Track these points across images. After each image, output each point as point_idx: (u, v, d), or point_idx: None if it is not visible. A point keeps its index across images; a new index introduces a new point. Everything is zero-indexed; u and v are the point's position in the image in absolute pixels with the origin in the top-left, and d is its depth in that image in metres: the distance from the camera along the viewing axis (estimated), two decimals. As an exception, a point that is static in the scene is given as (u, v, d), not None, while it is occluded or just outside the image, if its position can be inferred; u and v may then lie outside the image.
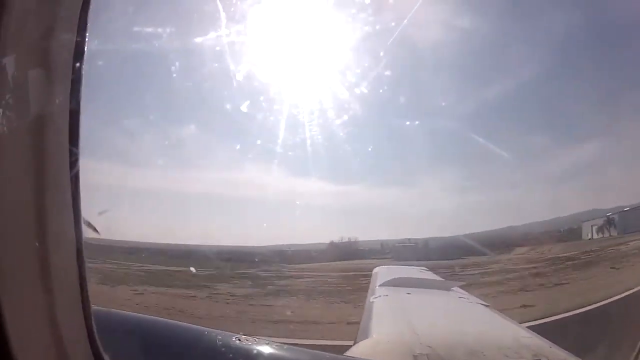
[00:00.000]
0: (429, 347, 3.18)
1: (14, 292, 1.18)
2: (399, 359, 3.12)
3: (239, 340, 2.08)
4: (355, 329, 4.31)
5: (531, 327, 5.73)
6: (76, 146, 1.27)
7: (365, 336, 3.72)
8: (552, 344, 3.51)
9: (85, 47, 1.30)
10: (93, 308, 1.35)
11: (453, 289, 6.40)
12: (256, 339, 2.15)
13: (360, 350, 3.38)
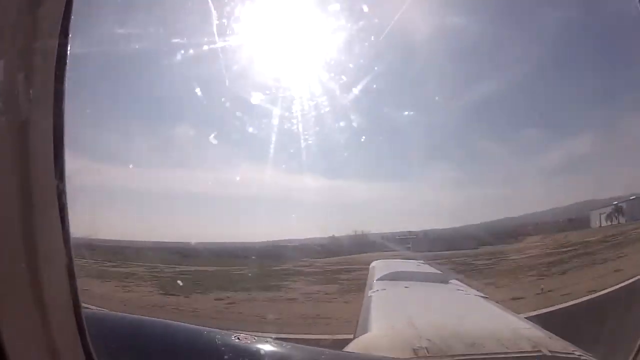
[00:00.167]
0: (428, 340, 3.19)
1: (4, 296, 1.17)
2: (398, 353, 3.12)
3: (238, 338, 2.08)
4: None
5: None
6: (61, 149, 1.25)
7: (364, 331, 3.73)
8: (551, 334, 3.52)
9: (68, 49, 1.29)
10: (86, 311, 1.34)
11: (451, 281, 6.42)
12: (254, 337, 2.16)
13: (360, 345, 3.38)
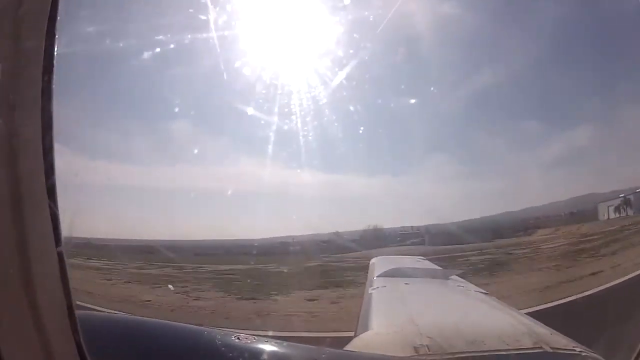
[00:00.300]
0: (428, 338, 3.17)
1: None
2: (399, 351, 3.09)
3: (238, 338, 2.07)
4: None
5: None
6: (50, 148, 1.23)
7: (365, 329, 3.70)
8: (553, 330, 3.50)
9: (55, 48, 1.27)
10: (79, 312, 1.32)
11: (451, 277, 6.39)
12: (255, 337, 2.14)
13: (360, 343, 3.36)
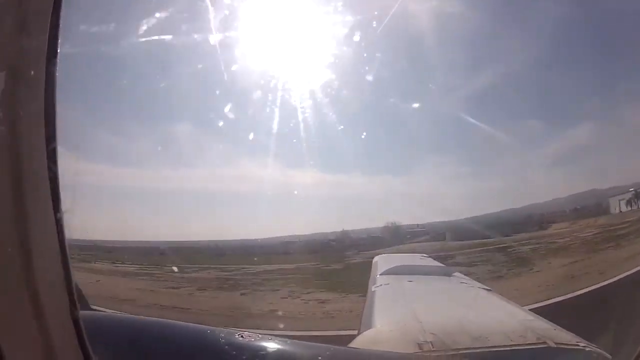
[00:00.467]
0: (432, 334, 3.17)
1: (0, 298, 1.15)
2: (402, 347, 3.10)
3: (242, 336, 2.07)
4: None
5: None
6: (53, 146, 1.23)
7: (369, 326, 3.70)
8: (557, 326, 3.50)
9: (59, 46, 1.26)
10: (83, 312, 1.32)
11: (454, 274, 6.40)
12: (259, 335, 2.14)
13: (364, 341, 3.37)
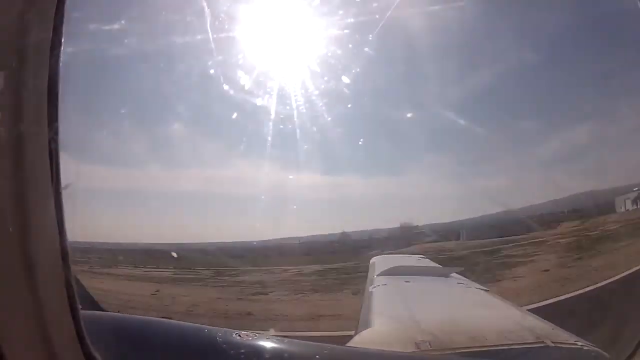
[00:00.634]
0: (430, 334, 3.18)
1: (1, 299, 1.15)
2: (400, 347, 3.10)
3: (239, 336, 2.07)
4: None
5: None
6: (56, 147, 1.23)
7: (366, 326, 3.71)
8: (554, 325, 3.51)
9: (62, 44, 1.26)
10: (83, 312, 1.32)
11: (451, 275, 6.40)
12: (256, 334, 2.15)
13: (361, 341, 3.38)
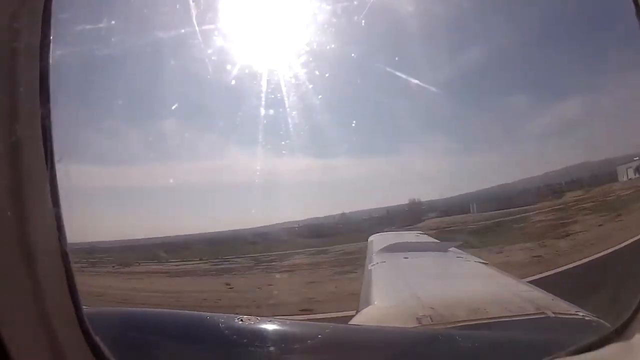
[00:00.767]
0: (431, 309, 3.20)
1: (3, 299, 1.16)
2: (401, 323, 3.13)
3: (241, 320, 2.11)
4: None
5: None
6: (50, 145, 1.23)
7: (367, 304, 3.74)
8: (554, 296, 3.53)
9: (51, 42, 1.24)
10: (86, 309, 1.34)
11: (450, 249, 6.44)
12: (258, 318, 2.18)
13: (363, 319, 3.40)
